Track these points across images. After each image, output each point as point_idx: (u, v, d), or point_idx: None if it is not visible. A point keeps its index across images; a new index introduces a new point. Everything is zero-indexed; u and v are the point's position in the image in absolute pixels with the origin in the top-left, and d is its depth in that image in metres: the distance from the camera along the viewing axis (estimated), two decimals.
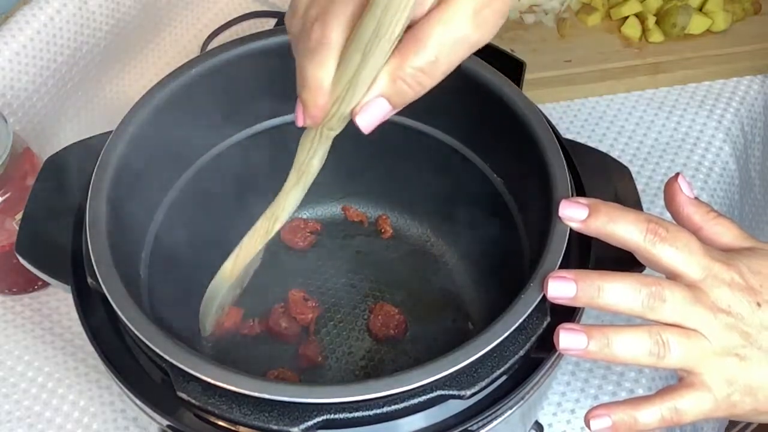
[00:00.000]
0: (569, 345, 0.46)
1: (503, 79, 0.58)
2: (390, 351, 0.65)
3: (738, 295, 0.46)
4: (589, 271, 0.47)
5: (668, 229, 0.46)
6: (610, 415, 0.47)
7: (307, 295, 0.67)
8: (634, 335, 0.46)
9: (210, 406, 0.45)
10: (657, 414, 0.46)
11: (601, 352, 0.46)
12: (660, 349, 0.45)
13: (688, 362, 0.46)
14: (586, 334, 0.46)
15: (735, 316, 0.46)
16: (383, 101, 0.43)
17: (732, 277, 0.47)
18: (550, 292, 0.46)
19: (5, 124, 0.64)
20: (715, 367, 0.46)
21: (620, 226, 0.47)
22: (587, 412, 0.47)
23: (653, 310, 0.46)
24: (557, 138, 0.56)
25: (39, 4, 0.74)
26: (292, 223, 0.71)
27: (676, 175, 0.50)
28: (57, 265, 0.54)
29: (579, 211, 0.48)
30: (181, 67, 0.59)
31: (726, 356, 0.46)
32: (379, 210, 0.73)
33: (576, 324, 0.47)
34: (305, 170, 0.49)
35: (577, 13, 0.88)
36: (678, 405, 0.46)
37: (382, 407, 0.46)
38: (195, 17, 0.92)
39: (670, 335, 0.46)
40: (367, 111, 0.43)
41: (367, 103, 0.42)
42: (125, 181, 0.55)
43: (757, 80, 0.86)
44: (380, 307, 0.66)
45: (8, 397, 0.67)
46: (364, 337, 0.66)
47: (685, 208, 0.50)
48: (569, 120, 0.83)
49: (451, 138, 0.64)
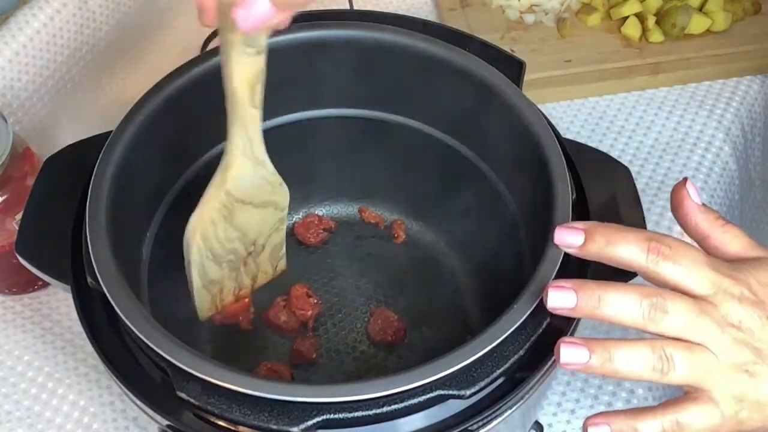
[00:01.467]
0: (570, 359, 0.44)
1: (503, 79, 0.59)
2: (385, 356, 0.65)
3: (749, 309, 0.45)
4: (589, 281, 0.45)
5: (671, 246, 0.45)
6: (609, 424, 0.45)
7: (310, 292, 0.67)
8: (637, 350, 0.44)
9: (210, 405, 0.45)
10: (658, 426, 0.45)
11: (603, 366, 0.44)
12: (664, 365, 0.44)
13: (693, 378, 0.44)
14: (588, 348, 0.44)
15: (745, 331, 0.44)
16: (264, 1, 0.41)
17: (741, 292, 0.45)
18: (550, 302, 0.45)
19: (5, 124, 0.64)
20: (724, 383, 0.44)
21: (620, 248, 0.45)
22: (586, 420, 0.46)
23: (655, 321, 0.44)
24: (557, 138, 0.56)
25: (39, 4, 0.74)
26: (306, 219, 0.71)
27: (684, 181, 0.49)
28: (57, 265, 0.54)
29: (575, 237, 0.46)
30: (181, 67, 0.59)
31: (736, 372, 0.44)
32: (395, 214, 0.72)
33: (577, 338, 0.45)
34: (230, 95, 0.47)
35: (577, 13, 0.88)
36: (681, 418, 0.45)
37: (381, 407, 0.46)
38: (195, 17, 0.92)
39: (674, 350, 0.44)
40: (246, 6, 0.41)
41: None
42: (125, 181, 0.55)
43: (757, 80, 0.86)
44: (380, 312, 0.66)
45: (8, 397, 0.67)
46: (361, 339, 0.66)
47: (693, 216, 0.48)
48: (569, 120, 0.83)
49: (451, 138, 0.64)
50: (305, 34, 0.61)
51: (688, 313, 0.44)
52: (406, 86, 0.63)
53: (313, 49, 0.61)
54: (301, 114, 0.66)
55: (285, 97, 0.64)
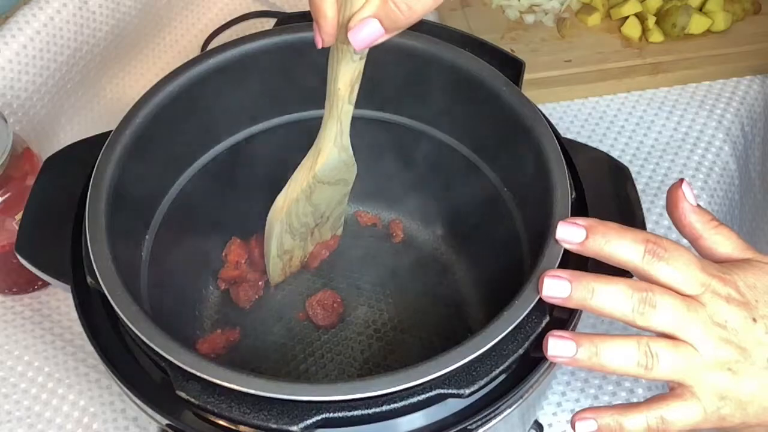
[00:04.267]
0: (557, 352, 0.46)
1: (503, 79, 0.59)
2: (385, 356, 0.65)
3: (734, 309, 0.46)
4: (584, 273, 0.47)
5: (666, 248, 0.46)
6: (596, 419, 0.47)
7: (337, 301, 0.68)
8: (623, 345, 0.45)
9: (209, 405, 0.45)
10: (643, 422, 0.46)
11: (589, 360, 0.46)
12: (648, 361, 0.45)
13: (676, 374, 0.46)
14: (575, 341, 0.46)
15: (730, 330, 0.46)
16: (375, 22, 0.46)
17: (729, 293, 0.46)
18: (545, 291, 0.46)
19: (5, 124, 0.64)
20: (707, 381, 0.46)
21: (618, 247, 0.46)
22: (574, 414, 0.47)
23: (643, 316, 0.45)
24: (557, 138, 0.56)
25: (39, 4, 0.75)
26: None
27: (681, 182, 0.50)
28: (57, 265, 0.54)
29: (576, 233, 0.47)
30: (181, 67, 0.59)
31: (719, 370, 0.46)
32: (393, 214, 0.73)
33: (566, 331, 0.46)
34: (332, 93, 0.53)
35: (577, 13, 0.88)
36: (665, 414, 0.46)
37: (381, 406, 0.46)
38: (195, 17, 0.92)
39: (659, 347, 0.45)
40: (360, 29, 0.47)
41: (360, 21, 0.46)
42: (125, 181, 0.55)
43: (757, 80, 0.86)
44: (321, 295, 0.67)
45: (8, 397, 0.67)
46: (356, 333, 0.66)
47: (687, 217, 0.50)
48: (569, 120, 0.83)
49: (451, 138, 0.64)
50: (299, 36, 0.61)
51: (675, 310, 0.45)
52: (404, 85, 0.63)
53: (305, 49, 0.61)
54: (300, 114, 0.66)
55: (280, 97, 0.64)
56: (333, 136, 0.56)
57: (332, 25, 0.47)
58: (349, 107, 0.54)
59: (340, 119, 0.55)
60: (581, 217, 0.48)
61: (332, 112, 0.54)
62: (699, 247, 0.50)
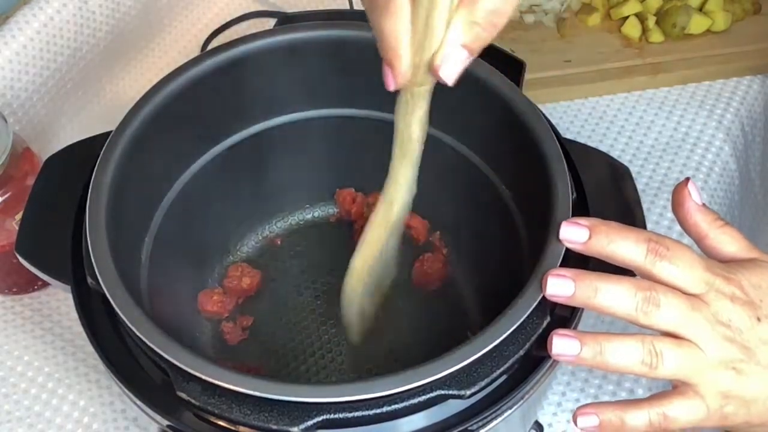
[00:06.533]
0: (561, 351, 0.46)
1: (503, 79, 0.58)
2: (385, 356, 0.65)
3: (739, 309, 0.46)
4: (587, 272, 0.47)
5: (669, 247, 0.46)
6: (598, 414, 0.47)
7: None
8: (627, 343, 0.45)
9: (210, 405, 0.45)
10: (645, 418, 0.46)
11: (594, 359, 0.46)
12: (652, 359, 0.45)
13: (681, 373, 0.46)
14: (579, 340, 0.46)
15: (735, 330, 0.46)
16: (462, 50, 0.43)
17: (733, 292, 0.46)
18: (548, 290, 0.46)
19: (5, 124, 0.64)
20: (711, 379, 0.46)
21: (621, 246, 0.46)
22: (576, 409, 0.47)
23: (647, 314, 0.45)
24: (557, 138, 0.56)
25: (39, 4, 0.74)
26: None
27: (686, 181, 0.50)
28: (57, 265, 0.54)
29: (580, 233, 0.47)
30: (181, 67, 0.59)
31: (723, 369, 0.46)
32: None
33: (570, 330, 0.46)
34: (406, 140, 0.49)
35: (577, 13, 0.88)
36: (667, 411, 0.46)
37: (381, 407, 0.46)
38: (195, 17, 0.92)
39: (663, 345, 0.45)
40: (449, 61, 0.44)
41: (447, 54, 0.43)
42: (125, 181, 0.55)
43: (757, 80, 0.86)
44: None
45: (8, 397, 0.67)
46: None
47: (693, 216, 0.49)
48: (569, 120, 0.83)
49: (451, 138, 0.64)
50: (299, 36, 0.61)
51: (679, 309, 0.45)
52: None
53: (305, 49, 0.61)
54: (301, 114, 0.66)
55: (280, 98, 0.64)
56: (408, 183, 0.52)
57: (408, 65, 0.44)
58: (420, 146, 0.50)
59: (413, 161, 0.50)
60: (584, 216, 0.48)
61: (405, 155, 0.50)
62: (704, 246, 0.50)
